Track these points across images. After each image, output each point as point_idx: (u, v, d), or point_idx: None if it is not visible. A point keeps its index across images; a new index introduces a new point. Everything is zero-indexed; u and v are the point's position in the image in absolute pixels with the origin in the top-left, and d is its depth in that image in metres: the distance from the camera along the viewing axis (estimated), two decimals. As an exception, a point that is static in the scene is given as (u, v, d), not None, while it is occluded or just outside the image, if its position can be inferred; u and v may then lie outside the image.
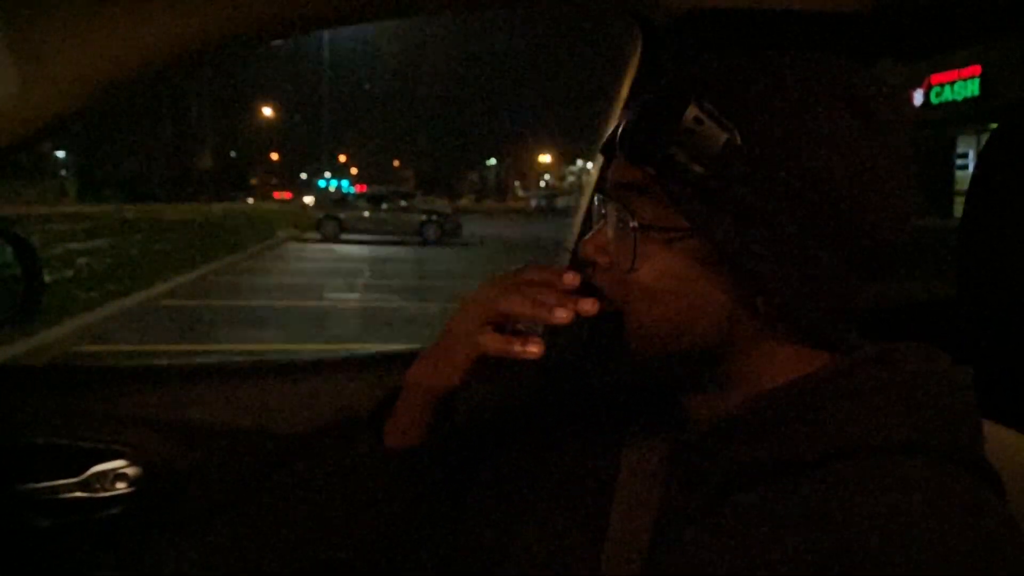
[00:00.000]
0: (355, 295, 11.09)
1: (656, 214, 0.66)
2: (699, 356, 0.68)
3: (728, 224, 0.63)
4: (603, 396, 0.83)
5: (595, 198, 0.75)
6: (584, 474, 0.79)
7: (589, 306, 0.69)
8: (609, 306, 0.70)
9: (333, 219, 21.14)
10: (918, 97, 19.15)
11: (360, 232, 20.83)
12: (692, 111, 0.62)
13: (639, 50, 1.27)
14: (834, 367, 0.65)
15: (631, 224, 0.67)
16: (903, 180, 0.64)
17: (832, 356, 0.68)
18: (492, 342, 0.71)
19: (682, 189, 0.64)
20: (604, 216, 0.72)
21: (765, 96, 0.63)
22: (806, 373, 0.66)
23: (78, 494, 1.13)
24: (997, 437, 0.72)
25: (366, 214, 21.64)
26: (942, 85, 18.38)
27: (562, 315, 0.69)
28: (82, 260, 12.74)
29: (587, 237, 0.73)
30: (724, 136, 0.62)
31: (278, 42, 1.03)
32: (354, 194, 24.02)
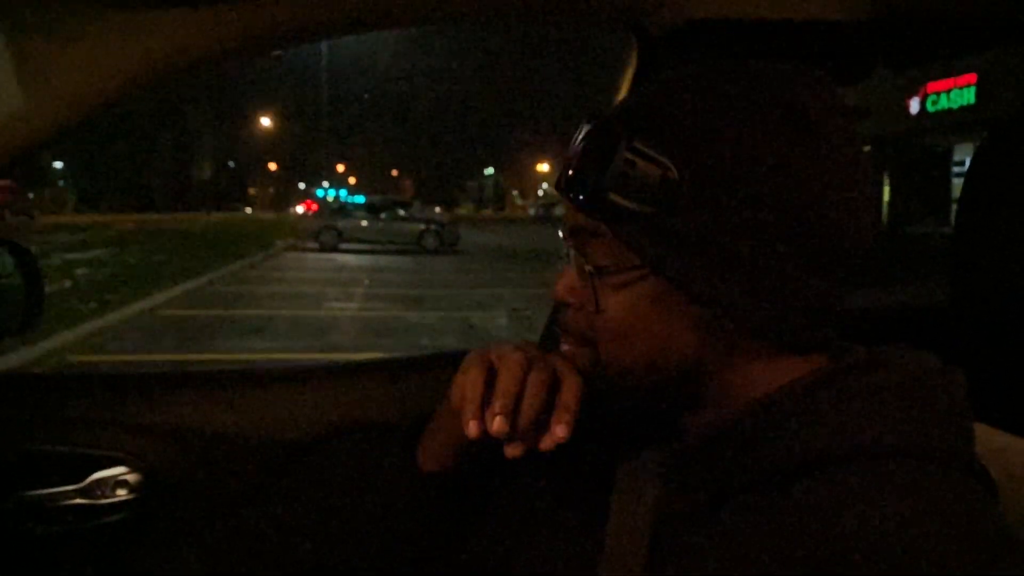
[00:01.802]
0: (354, 304, 11.09)
1: (611, 256, 0.66)
2: (678, 382, 0.68)
3: (681, 258, 0.63)
4: (597, 413, 0.83)
5: (562, 238, 0.75)
6: (580, 487, 0.79)
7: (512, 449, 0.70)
8: (584, 344, 0.70)
9: (332, 229, 21.16)
10: (915, 105, 19.18)
11: (359, 242, 20.85)
12: (623, 153, 0.62)
13: (635, 60, 1.28)
14: (822, 372, 0.65)
15: (589, 270, 0.67)
16: (853, 183, 0.64)
17: (820, 361, 0.68)
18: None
19: (630, 230, 0.64)
20: (569, 257, 0.72)
21: (697, 123, 0.63)
22: (793, 379, 0.66)
23: (79, 501, 1.13)
24: (991, 440, 0.73)
25: (364, 224, 21.66)
26: (938, 93, 18.40)
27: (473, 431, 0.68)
28: (80, 271, 12.74)
29: (556, 279, 0.73)
30: (659, 172, 0.62)
31: (277, 52, 1.04)
32: (351, 203, 24.01)
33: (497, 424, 0.67)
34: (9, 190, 28.16)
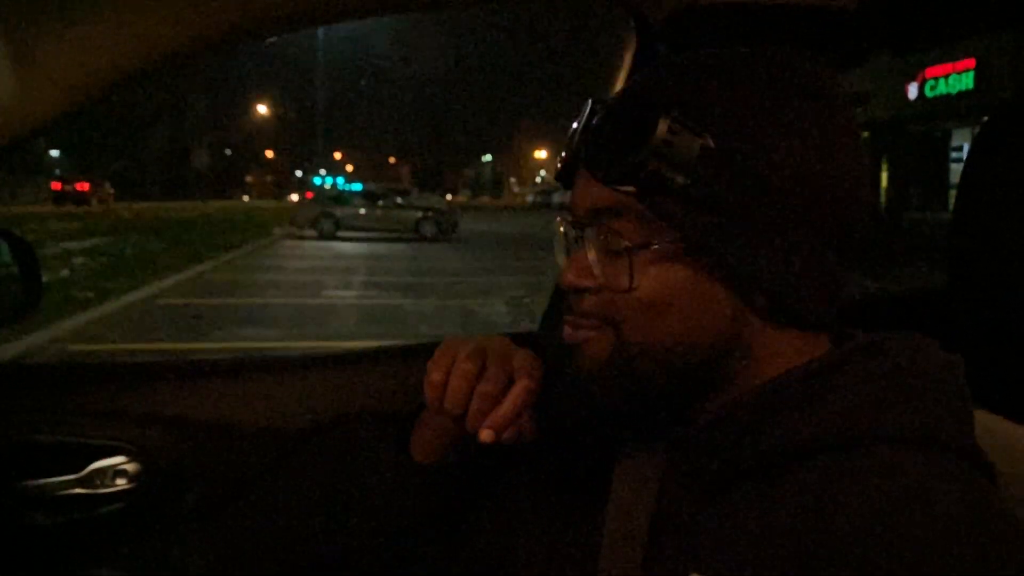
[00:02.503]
0: (352, 292, 11.09)
1: (641, 232, 0.65)
2: (704, 363, 0.67)
3: (717, 229, 0.62)
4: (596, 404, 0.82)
5: (562, 225, 0.73)
6: (580, 476, 0.80)
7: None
8: (603, 326, 0.69)
9: (329, 216, 21.12)
10: (913, 91, 19.15)
11: (356, 229, 20.82)
12: (664, 123, 0.61)
13: (634, 45, 1.27)
14: (825, 358, 0.65)
15: (624, 245, 0.66)
16: (861, 159, 0.66)
17: (825, 345, 0.68)
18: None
19: (667, 202, 0.63)
20: (579, 241, 0.71)
21: (730, 96, 0.63)
22: (797, 365, 0.66)
23: (78, 490, 1.14)
24: (992, 426, 0.73)
25: (362, 211, 21.61)
26: (936, 79, 18.36)
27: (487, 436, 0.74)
28: (78, 259, 12.73)
29: (565, 266, 0.71)
30: (699, 143, 0.61)
31: (273, 39, 1.03)
32: (349, 190, 24.00)
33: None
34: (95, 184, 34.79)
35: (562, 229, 0.74)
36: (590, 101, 0.70)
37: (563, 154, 0.71)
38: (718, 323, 0.66)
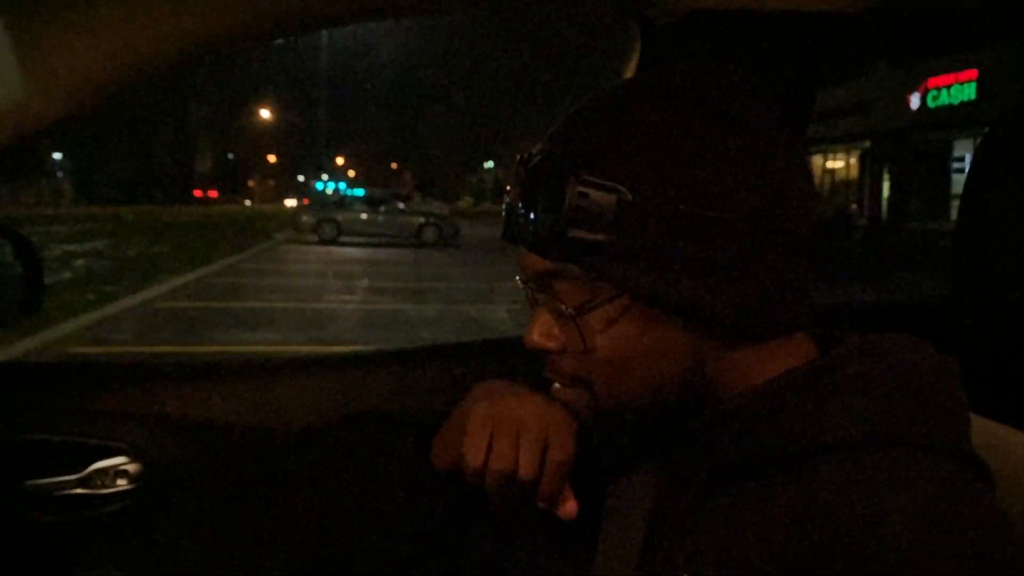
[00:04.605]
0: (354, 297, 11.10)
1: (584, 292, 0.66)
2: (679, 396, 0.68)
3: (655, 275, 0.62)
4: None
5: (520, 284, 0.73)
6: (578, 477, 0.80)
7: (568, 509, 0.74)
8: (577, 385, 0.70)
9: (331, 221, 21.14)
10: (915, 101, 19.19)
11: (358, 235, 20.83)
12: (574, 188, 0.62)
13: (638, 51, 1.28)
14: (818, 361, 0.65)
15: (567, 311, 0.66)
16: (784, 160, 0.65)
17: (812, 348, 0.68)
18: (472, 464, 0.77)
19: (598, 262, 0.63)
20: (537, 302, 0.71)
21: (633, 141, 0.63)
22: (790, 368, 0.66)
23: (79, 491, 1.14)
24: (992, 433, 0.73)
25: (364, 216, 21.63)
26: (939, 89, 18.40)
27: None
28: (79, 262, 12.75)
29: (530, 327, 0.72)
30: (613, 198, 0.61)
31: (278, 42, 1.03)
32: (351, 195, 24.00)
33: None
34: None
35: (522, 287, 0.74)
36: (519, 156, 0.70)
37: (503, 213, 0.71)
38: (684, 360, 0.66)
